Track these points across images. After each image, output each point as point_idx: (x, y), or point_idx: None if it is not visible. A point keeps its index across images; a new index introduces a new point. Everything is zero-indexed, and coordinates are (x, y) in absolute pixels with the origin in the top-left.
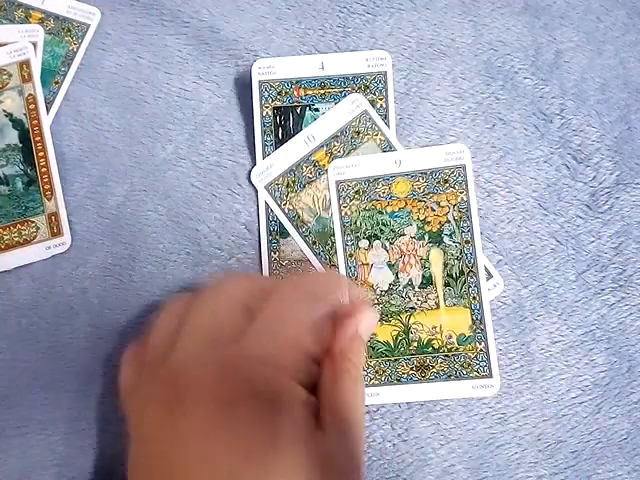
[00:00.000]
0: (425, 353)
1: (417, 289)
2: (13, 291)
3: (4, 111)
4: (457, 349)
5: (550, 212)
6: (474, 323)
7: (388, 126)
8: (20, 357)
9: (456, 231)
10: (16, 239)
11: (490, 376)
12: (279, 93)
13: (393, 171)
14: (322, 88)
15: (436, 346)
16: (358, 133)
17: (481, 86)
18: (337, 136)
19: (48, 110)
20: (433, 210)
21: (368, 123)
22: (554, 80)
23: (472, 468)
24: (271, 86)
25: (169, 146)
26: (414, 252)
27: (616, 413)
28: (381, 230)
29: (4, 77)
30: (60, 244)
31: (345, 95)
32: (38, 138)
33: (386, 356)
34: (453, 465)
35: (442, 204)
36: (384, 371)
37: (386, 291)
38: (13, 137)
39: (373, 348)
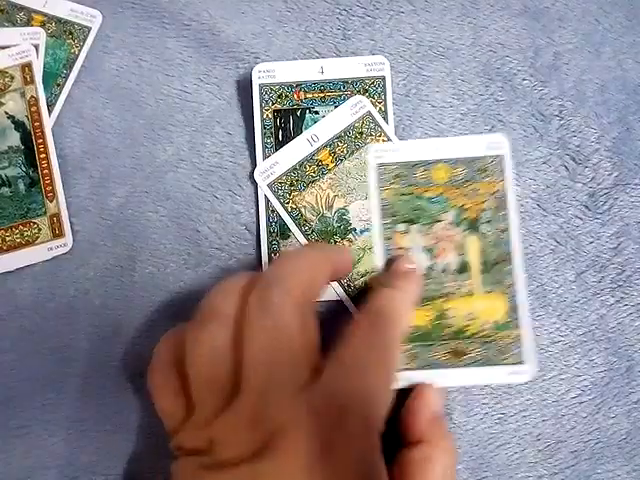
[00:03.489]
0: (460, 338)
1: (453, 275)
2: (15, 292)
3: (6, 113)
4: (492, 335)
5: (549, 213)
6: (510, 310)
7: None
8: (22, 358)
9: (493, 219)
10: (18, 240)
11: (524, 363)
12: (279, 96)
13: (433, 157)
14: (322, 91)
15: (471, 332)
16: (361, 134)
17: (480, 88)
18: (340, 136)
19: (50, 112)
20: (471, 198)
21: (371, 124)
22: (553, 82)
23: (472, 468)
24: (271, 89)
25: (170, 148)
26: (451, 238)
27: (615, 413)
28: (419, 215)
29: (6, 79)
30: (62, 245)
31: (344, 98)
32: (40, 140)
33: (421, 341)
34: None
35: (480, 192)
36: (418, 356)
37: (422, 276)
38: (15, 139)
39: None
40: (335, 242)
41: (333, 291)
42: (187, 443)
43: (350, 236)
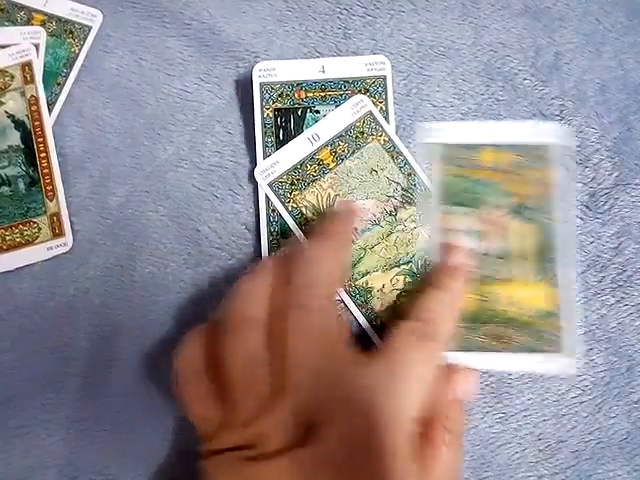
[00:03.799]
0: (501, 323)
1: (498, 259)
2: (15, 291)
3: (6, 112)
4: (534, 323)
5: None
6: (554, 299)
7: None
8: (22, 358)
9: (541, 207)
10: (18, 239)
11: (566, 353)
12: (280, 95)
13: (483, 141)
14: (323, 91)
15: (513, 318)
16: (362, 133)
17: (481, 87)
18: (341, 136)
19: (50, 111)
20: (522, 184)
21: (372, 124)
22: (554, 81)
23: (473, 467)
24: (272, 88)
25: (170, 147)
26: (498, 223)
27: (616, 413)
28: (466, 198)
29: (7, 79)
30: (62, 245)
31: (345, 98)
32: (40, 139)
33: (462, 323)
34: None
35: (532, 179)
36: (459, 337)
37: (469, 268)
38: (15, 138)
39: None
40: None
41: None
42: (227, 443)
43: None
